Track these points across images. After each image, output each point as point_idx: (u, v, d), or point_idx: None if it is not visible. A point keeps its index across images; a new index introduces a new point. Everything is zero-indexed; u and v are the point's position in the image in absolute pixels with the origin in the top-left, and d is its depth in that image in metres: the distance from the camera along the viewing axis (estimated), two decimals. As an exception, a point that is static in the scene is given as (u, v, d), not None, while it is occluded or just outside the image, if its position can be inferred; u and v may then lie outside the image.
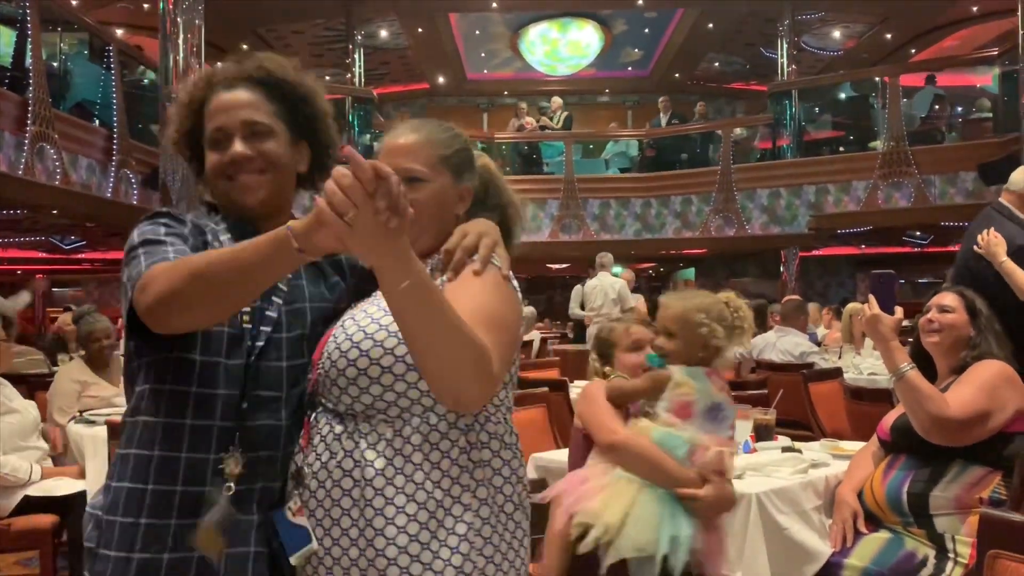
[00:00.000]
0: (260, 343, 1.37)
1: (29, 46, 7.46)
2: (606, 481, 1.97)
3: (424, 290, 1.11)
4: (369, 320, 1.31)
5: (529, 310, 10.14)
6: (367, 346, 1.28)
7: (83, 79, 9.10)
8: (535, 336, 9.64)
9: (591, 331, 7.54)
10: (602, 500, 1.93)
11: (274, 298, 1.41)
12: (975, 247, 3.16)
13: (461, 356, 1.14)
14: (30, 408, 3.66)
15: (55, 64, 8.64)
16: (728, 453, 1.98)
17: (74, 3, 10.58)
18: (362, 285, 1.44)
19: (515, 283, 1.39)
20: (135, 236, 1.36)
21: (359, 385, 1.28)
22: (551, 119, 14.07)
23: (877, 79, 11.96)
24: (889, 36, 14.52)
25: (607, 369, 2.29)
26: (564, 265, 16.86)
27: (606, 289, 8.23)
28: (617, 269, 8.49)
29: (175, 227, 1.39)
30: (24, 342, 6.25)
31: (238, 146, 1.41)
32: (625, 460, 1.98)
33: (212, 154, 1.43)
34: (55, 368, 5.75)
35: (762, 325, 6.87)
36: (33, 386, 4.60)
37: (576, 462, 2.17)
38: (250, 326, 1.37)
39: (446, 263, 1.34)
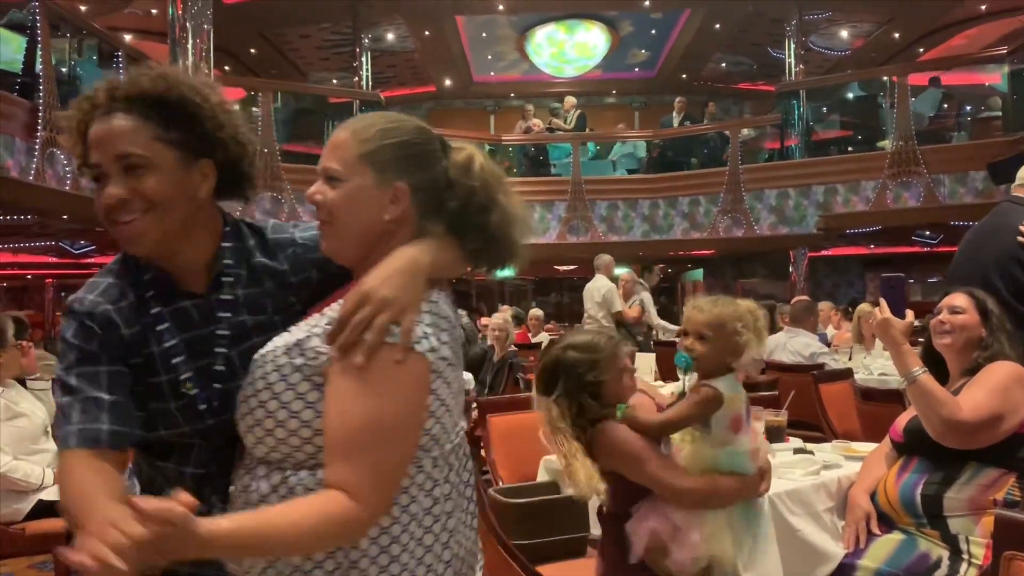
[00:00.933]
0: (216, 403, 1.31)
1: (39, 52, 7.50)
2: (706, 534, 1.97)
3: (247, 546, 1.09)
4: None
5: (536, 312, 10.12)
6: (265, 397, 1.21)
7: (92, 85, 9.11)
8: (543, 338, 9.63)
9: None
10: (714, 547, 1.97)
11: (217, 349, 1.32)
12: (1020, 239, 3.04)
13: (312, 550, 1.15)
14: (37, 411, 3.67)
15: (64, 70, 8.68)
16: (764, 447, 2.10)
17: (83, 9, 10.64)
18: (322, 286, 1.37)
19: (427, 346, 1.19)
20: (61, 349, 1.29)
21: (255, 434, 1.22)
22: (564, 120, 14.06)
23: (885, 78, 11.92)
24: (897, 35, 14.48)
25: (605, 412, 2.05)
26: (572, 267, 16.86)
27: (592, 292, 8.11)
28: (621, 271, 8.36)
29: (87, 348, 1.27)
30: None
31: (112, 188, 1.27)
32: (711, 504, 1.99)
33: (95, 195, 1.30)
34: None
35: (770, 327, 6.87)
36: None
37: (623, 499, 2.05)
38: (196, 391, 1.30)
39: (332, 336, 1.16)
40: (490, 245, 1.33)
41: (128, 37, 11.61)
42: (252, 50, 14.83)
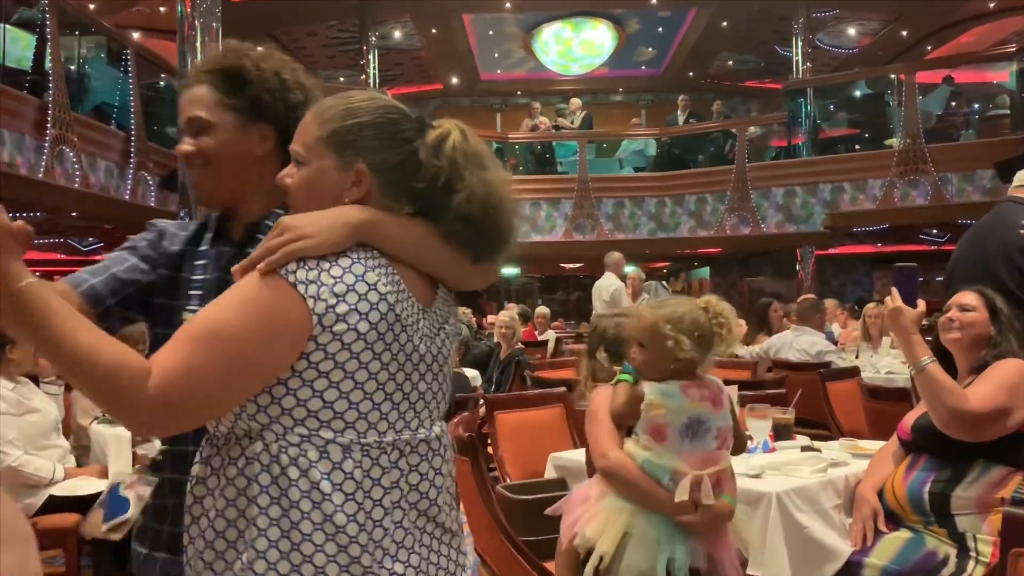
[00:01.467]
0: None
1: (48, 50, 7.54)
2: (603, 505, 2.00)
3: (26, 301, 1.02)
4: None
5: (543, 310, 10.13)
6: None
7: (101, 82, 9.18)
8: (550, 336, 9.64)
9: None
10: (599, 524, 1.97)
11: (188, 308, 1.46)
12: None
13: (76, 371, 1.03)
14: (50, 407, 3.70)
15: (73, 68, 8.72)
16: (705, 475, 1.96)
17: (92, 7, 10.68)
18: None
19: (302, 278, 1.12)
20: None
21: None
22: (570, 121, 14.05)
23: (893, 76, 11.90)
24: (905, 33, 14.44)
25: (616, 368, 2.21)
26: (578, 265, 16.86)
27: (600, 290, 8.09)
28: (629, 269, 8.32)
29: (135, 242, 1.56)
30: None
31: (181, 144, 1.50)
32: (615, 485, 2.02)
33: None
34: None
35: (762, 325, 6.88)
36: (67, 387, 4.64)
37: (592, 471, 2.20)
38: None
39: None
40: (463, 227, 1.25)
41: (136, 35, 11.65)
42: (259, 48, 14.85)
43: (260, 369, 1.11)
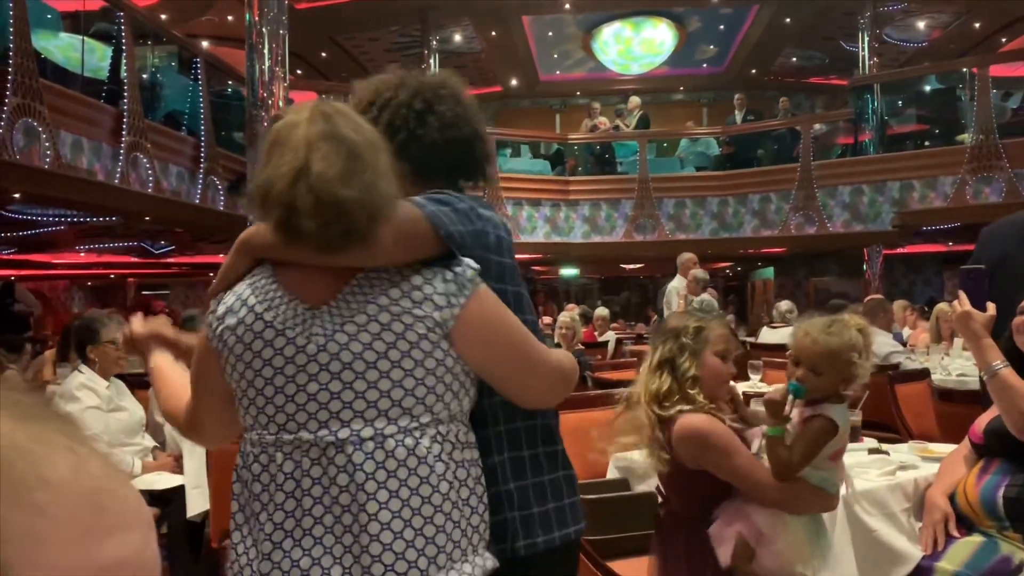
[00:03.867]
0: None
1: (124, 60, 7.81)
2: (787, 540, 2.00)
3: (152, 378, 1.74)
4: None
5: (602, 311, 10.10)
6: None
7: (172, 90, 9.47)
8: (610, 337, 9.61)
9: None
10: (798, 555, 2.01)
11: None
12: None
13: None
14: (137, 408, 3.84)
15: (146, 77, 9.02)
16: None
17: (164, 17, 11.02)
18: None
19: (212, 318, 1.35)
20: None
21: None
22: (627, 121, 13.97)
23: (965, 70, 11.55)
24: (978, 25, 14.00)
25: (692, 371, 2.10)
26: (638, 265, 16.76)
27: (667, 292, 8.07)
28: (698, 271, 8.13)
29: None
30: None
31: None
32: (797, 508, 2.02)
33: None
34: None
35: None
36: (132, 385, 4.81)
37: (704, 499, 2.08)
38: None
39: None
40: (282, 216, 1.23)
41: (205, 43, 11.98)
42: (323, 54, 15.14)
43: (209, 386, 1.38)
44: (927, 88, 12.69)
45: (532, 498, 1.43)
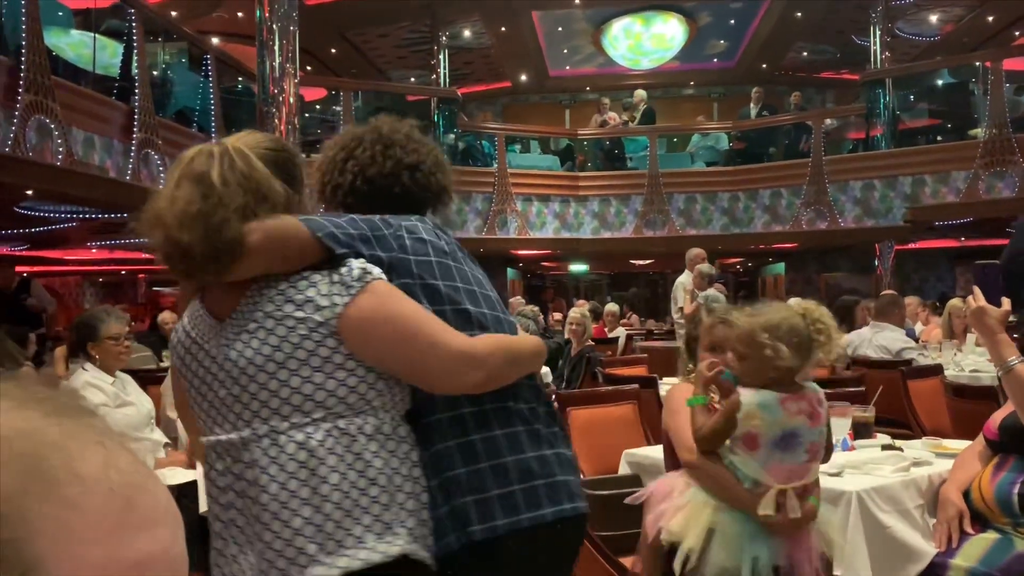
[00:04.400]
0: None
1: (135, 57, 7.83)
2: (686, 499, 2.02)
3: None
4: None
5: (611, 307, 10.09)
6: None
7: (183, 87, 9.49)
8: (620, 333, 9.60)
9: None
10: (684, 519, 1.99)
11: None
12: None
13: None
14: (144, 402, 3.85)
15: (156, 73, 9.04)
16: (790, 489, 1.96)
17: (174, 14, 11.05)
18: None
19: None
20: None
21: None
22: (633, 115, 13.94)
23: (978, 64, 11.47)
24: (991, 19, 13.90)
25: (690, 367, 2.32)
26: (648, 261, 16.73)
27: (674, 288, 8.07)
28: (703, 267, 8.07)
29: None
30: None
31: None
32: (700, 480, 2.04)
33: None
34: (163, 364, 6.02)
35: (849, 323, 6.67)
36: (143, 381, 4.83)
37: (670, 465, 2.23)
38: None
39: None
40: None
41: (216, 40, 12.01)
42: (333, 50, 15.15)
43: (183, 397, 1.51)
44: (939, 82, 12.62)
45: (489, 481, 1.42)
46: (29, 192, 7.04)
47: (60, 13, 7.60)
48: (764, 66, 16.67)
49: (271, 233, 1.36)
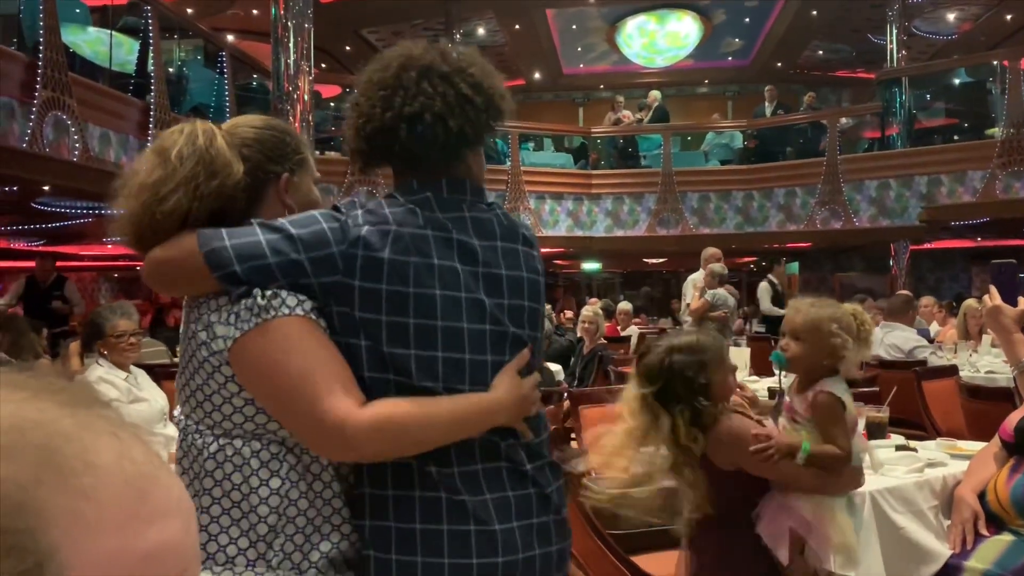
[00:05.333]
0: None
1: (150, 54, 7.87)
2: (837, 519, 2.02)
3: None
4: None
5: (625, 306, 10.07)
6: None
7: (198, 84, 9.54)
8: (633, 331, 9.58)
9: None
10: (843, 536, 2.00)
11: None
12: None
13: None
14: (158, 397, 3.86)
15: (172, 70, 9.08)
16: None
17: (190, 11, 11.10)
18: None
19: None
20: None
21: None
22: (644, 115, 13.90)
23: (996, 63, 11.37)
24: (1009, 17, 13.79)
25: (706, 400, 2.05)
26: (661, 260, 16.69)
27: (684, 284, 8.02)
28: (715, 266, 7.98)
29: None
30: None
31: None
32: (833, 489, 2.04)
33: None
34: (175, 359, 6.05)
35: None
36: (158, 376, 4.85)
37: (742, 500, 2.06)
38: None
39: None
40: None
41: (231, 37, 12.06)
42: (347, 47, 15.19)
43: None
44: (956, 81, 12.52)
45: (393, 543, 1.28)
46: (46, 188, 7.10)
47: (77, 10, 7.65)
48: (779, 65, 16.60)
49: (160, 262, 1.31)
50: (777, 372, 2.14)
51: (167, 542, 0.41)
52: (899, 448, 2.84)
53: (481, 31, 15.04)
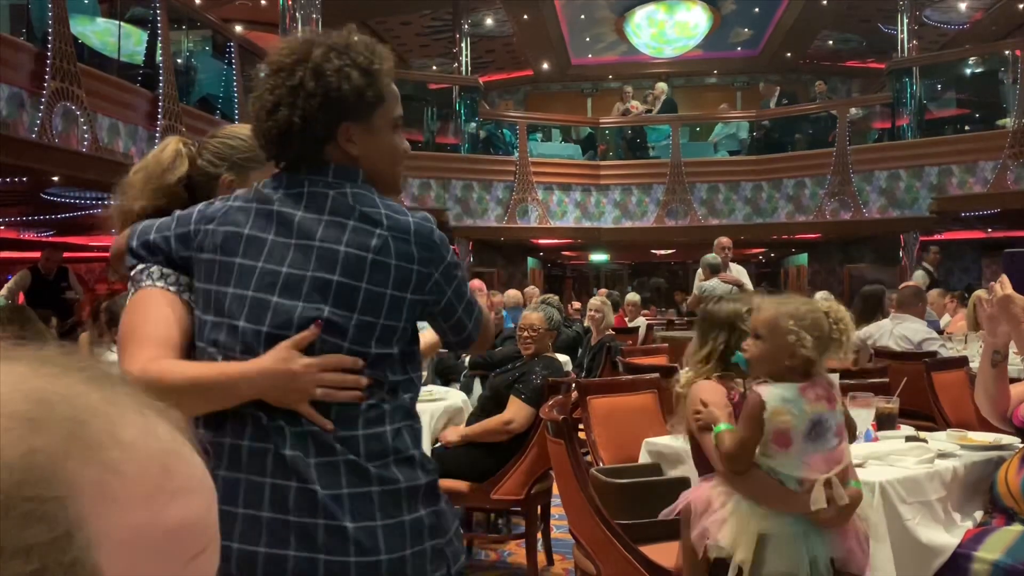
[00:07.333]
0: None
1: (159, 45, 7.88)
2: (730, 510, 1.98)
3: None
4: None
5: (633, 297, 10.05)
6: None
7: (207, 74, 9.54)
8: (641, 323, 9.57)
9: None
10: (732, 531, 1.95)
11: None
12: None
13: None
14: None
15: (180, 61, 9.09)
16: (833, 476, 1.94)
17: (198, 2, 11.09)
18: None
19: None
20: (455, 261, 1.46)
21: None
22: (651, 107, 13.85)
23: (1007, 53, 11.28)
24: (1022, 6, 13.67)
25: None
26: (670, 251, 16.66)
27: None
28: (709, 256, 7.93)
29: None
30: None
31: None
32: (742, 489, 1.99)
33: (400, 138, 1.47)
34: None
35: (878, 312, 6.55)
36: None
37: (702, 468, 2.19)
38: None
39: None
40: None
41: (239, 28, 12.05)
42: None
43: None
44: (967, 71, 12.43)
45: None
46: (55, 178, 7.12)
47: (86, 1, 7.66)
48: (789, 55, 16.51)
49: (117, 240, 1.55)
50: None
51: (191, 518, 0.42)
52: (909, 439, 2.83)
53: (489, 21, 15.00)
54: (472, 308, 1.47)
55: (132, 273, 1.44)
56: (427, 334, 1.57)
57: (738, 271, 7.82)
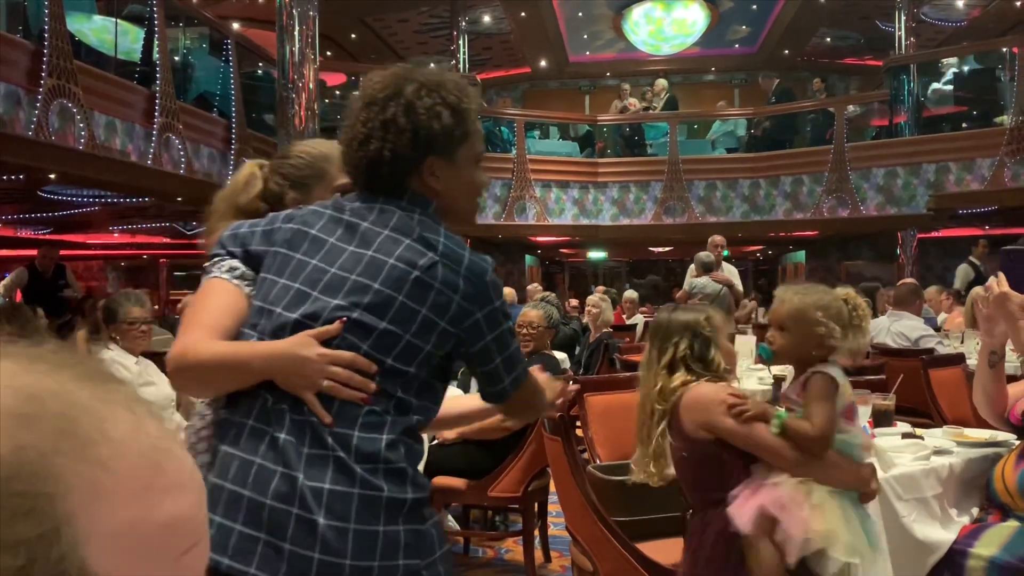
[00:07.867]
0: None
1: (156, 42, 7.86)
2: (817, 499, 1.90)
3: None
4: None
5: (631, 294, 10.06)
6: None
7: (203, 72, 9.52)
8: (639, 320, 9.58)
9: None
10: (823, 525, 1.87)
11: None
12: None
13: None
14: (165, 385, 3.89)
15: (177, 58, 9.07)
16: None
17: (195, 0, 11.07)
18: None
19: None
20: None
21: None
22: (652, 104, 13.84)
23: (1005, 50, 11.28)
24: (1019, 4, 13.67)
25: (717, 360, 2.10)
26: (667, 248, 16.66)
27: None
28: (702, 254, 7.89)
29: None
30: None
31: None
32: (818, 474, 1.92)
33: (480, 173, 1.54)
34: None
35: (872, 309, 6.57)
36: (163, 365, 4.87)
37: (721, 482, 1.99)
38: None
39: None
40: None
41: (236, 25, 12.03)
42: (352, 35, 15.15)
43: None
44: (965, 68, 12.43)
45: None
46: (52, 176, 7.10)
47: (82, -2, 7.64)
48: (786, 52, 16.50)
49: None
50: (764, 367, 2.12)
51: (181, 515, 0.42)
52: (905, 436, 2.83)
53: (487, 18, 14.98)
54: (514, 365, 1.47)
55: (206, 264, 1.50)
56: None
57: (730, 271, 7.83)
